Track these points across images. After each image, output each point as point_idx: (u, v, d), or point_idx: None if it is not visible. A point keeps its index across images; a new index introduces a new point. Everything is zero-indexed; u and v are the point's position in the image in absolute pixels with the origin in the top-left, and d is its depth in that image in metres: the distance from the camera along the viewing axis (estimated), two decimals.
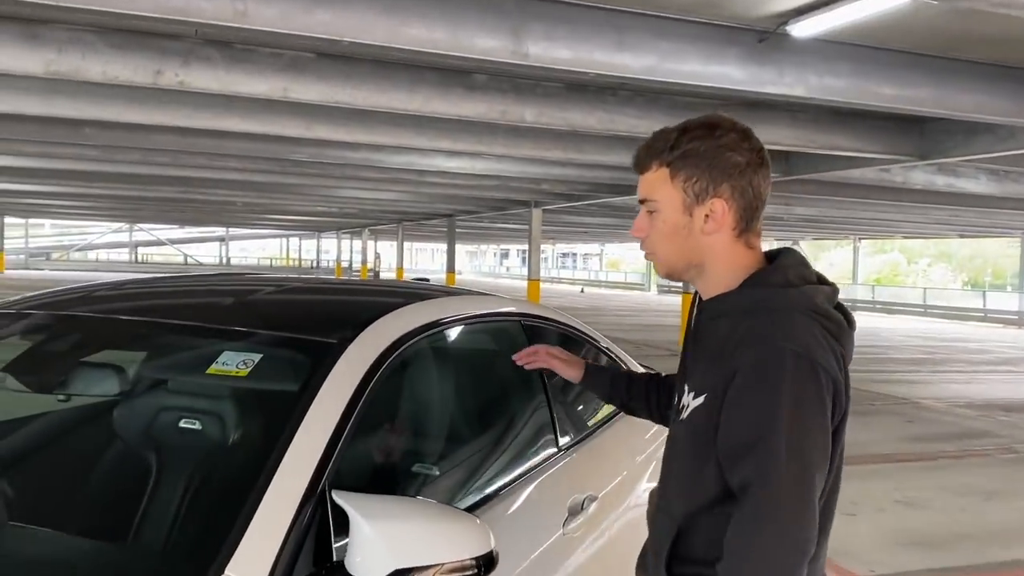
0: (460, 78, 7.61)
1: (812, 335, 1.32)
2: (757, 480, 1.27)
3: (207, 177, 15.74)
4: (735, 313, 1.38)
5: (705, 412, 1.36)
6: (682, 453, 1.45)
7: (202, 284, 2.45)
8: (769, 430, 1.26)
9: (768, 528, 1.26)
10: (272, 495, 1.33)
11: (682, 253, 1.43)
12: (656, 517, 1.55)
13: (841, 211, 19.48)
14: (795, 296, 1.38)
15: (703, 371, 1.41)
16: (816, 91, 6.39)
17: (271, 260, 59.89)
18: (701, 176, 1.38)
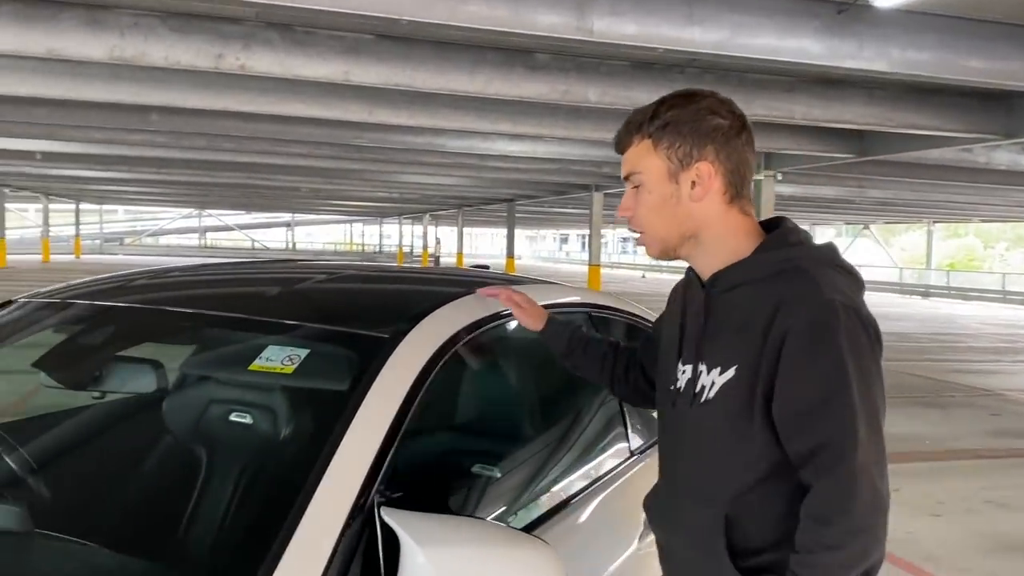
0: (522, 57, 7.44)
1: (847, 286, 1.31)
2: (838, 438, 1.22)
3: (272, 163, 15.92)
4: (758, 279, 1.33)
5: (739, 385, 1.30)
6: (714, 434, 1.36)
7: (249, 272, 2.33)
8: (840, 386, 1.23)
9: (863, 487, 1.21)
10: (314, 512, 1.19)
11: (673, 224, 1.38)
12: (681, 515, 1.42)
13: (916, 193, 18.74)
14: (821, 252, 1.37)
15: (724, 344, 1.34)
16: (898, 65, 6.04)
17: (335, 245, 60.67)
18: (683, 141, 1.35)
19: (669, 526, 1.48)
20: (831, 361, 1.24)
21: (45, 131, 12.31)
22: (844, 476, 1.22)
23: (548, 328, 1.72)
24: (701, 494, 1.39)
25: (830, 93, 8.31)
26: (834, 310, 1.25)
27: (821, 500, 1.24)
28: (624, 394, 1.73)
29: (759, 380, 1.28)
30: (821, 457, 1.24)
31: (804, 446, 1.26)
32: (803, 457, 1.26)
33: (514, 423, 2.00)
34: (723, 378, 1.33)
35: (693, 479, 1.41)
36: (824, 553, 1.23)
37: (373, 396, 1.37)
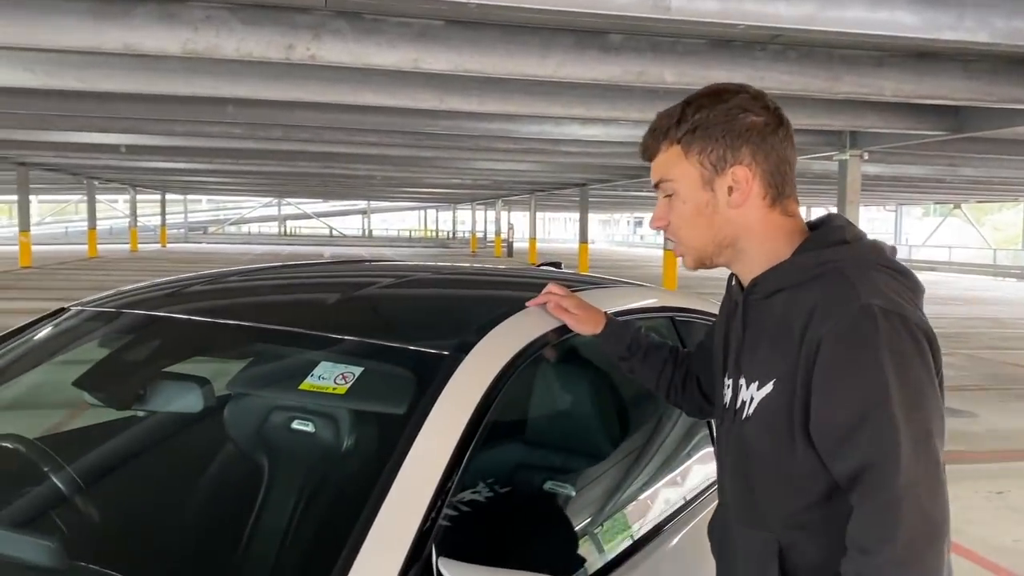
0: (594, 39, 7.21)
1: (893, 290, 1.19)
2: (878, 460, 1.11)
3: (346, 152, 16.05)
4: (795, 283, 1.23)
5: (779, 401, 1.21)
6: (757, 455, 1.27)
7: (308, 277, 2.20)
8: (879, 399, 1.11)
9: (909, 512, 1.09)
10: (362, 566, 1.04)
11: (710, 235, 1.29)
12: (734, 540, 1.31)
13: (1013, 171, 17.75)
14: (863, 251, 1.25)
15: (763, 357, 1.25)
16: (1002, 36, 5.59)
17: (410, 232, 61.25)
18: (716, 145, 1.26)
19: (723, 553, 1.37)
20: (867, 372, 1.12)
21: (128, 125, 12.64)
22: (886, 500, 1.10)
23: (606, 331, 1.58)
24: (751, 518, 1.27)
25: (923, 67, 7.83)
26: (871, 316, 1.13)
27: (863, 528, 1.12)
28: (681, 405, 1.59)
29: (796, 395, 1.18)
30: (864, 480, 1.13)
31: (845, 468, 1.15)
32: (847, 479, 1.16)
33: (592, 440, 1.82)
34: (761, 393, 1.23)
35: (741, 502, 1.30)
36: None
37: (431, 425, 1.23)
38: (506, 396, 1.34)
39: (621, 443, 1.84)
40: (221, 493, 1.52)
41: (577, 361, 1.76)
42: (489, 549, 1.37)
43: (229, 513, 1.46)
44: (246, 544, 1.36)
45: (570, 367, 1.74)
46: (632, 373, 1.60)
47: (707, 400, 1.52)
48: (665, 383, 1.56)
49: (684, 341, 1.88)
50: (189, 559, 1.35)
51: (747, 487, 1.29)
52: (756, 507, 1.27)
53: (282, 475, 1.47)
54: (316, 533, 1.22)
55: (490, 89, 8.85)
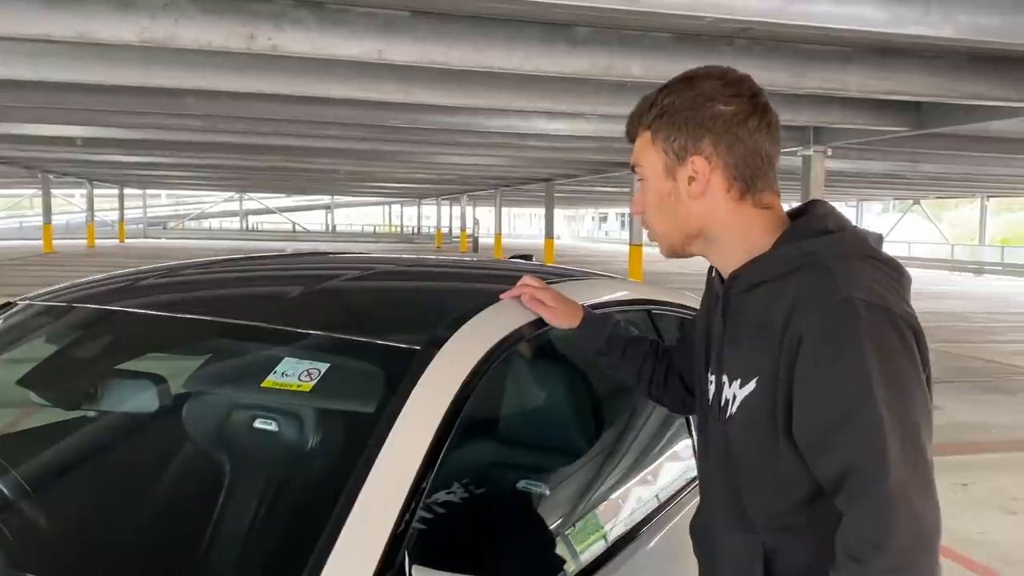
0: (561, 32, 7.16)
1: (877, 281, 1.14)
2: (864, 461, 1.05)
3: (309, 146, 15.85)
4: (776, 276, 1.18)
5: (761, 400, 1.16)
6: (743, 456, 1.20)
7: (270, 269, 2.10)
8: (862, 398, 1.06)
9: (900, 516, 1.03)
10: (333, 573, 0.97)
11: (675, 224, 1.26)
12: (718, 541, 1.26)
13: (972, 167, 18.07)
14: (846, 241, 1.19)
15: (745, 353, 1.20)
16: (966, 31, 5.64)
17: (374, 227, 60.81)
18: (679, 133, 1.22)
19: (706, 555, 1.32)
20: (850, 368, 1.07)
21: (85, 117, 12.32)
22: (875, 504, 1.05)
23: (584, 324, 1.52)
24: (736, 520, 1.22)
25: (887, 63, 7.89)
26: (853, 309, 1.09)
27: (853, 534, 1.07)
28: (663, 400, 1.54)
29: (778, 394, 1.14)
30: (849, 483, 1.08)
31: (829, 470, 1.10)
32: (831, 483, 1.11)
33: (568, 439, 1.76)
34: (744, 391, 1.19)
35: (725, 503, 1.25)
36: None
37: (403, 423, 1.15)
38: (479, 392, 1.28)
39: (597, 440, 1.78)
40: (178, 498, 1.43)
41: (550, 356, 1.69)
42: (461, 553, 1.30)
43: (187, 519, 1.37)
44: (205, 551, 1.27)
45: (543, 362, 1.68)
46: (611, 368, 1.54)
47: (690, 394, 1.47)
48: (646, 378, 1.51)
49: (661, 334, 1.82)
50: (145, 568, 1.27)
51: (731, 487, 1.24)
52: (740, 508, 1.22)
53: (244, 478, 1.38)
54: (281, 539, 1.14)
55: (456, 82, 8.76)
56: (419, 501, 1.08)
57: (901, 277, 1.19)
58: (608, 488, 1.67)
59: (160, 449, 1.53)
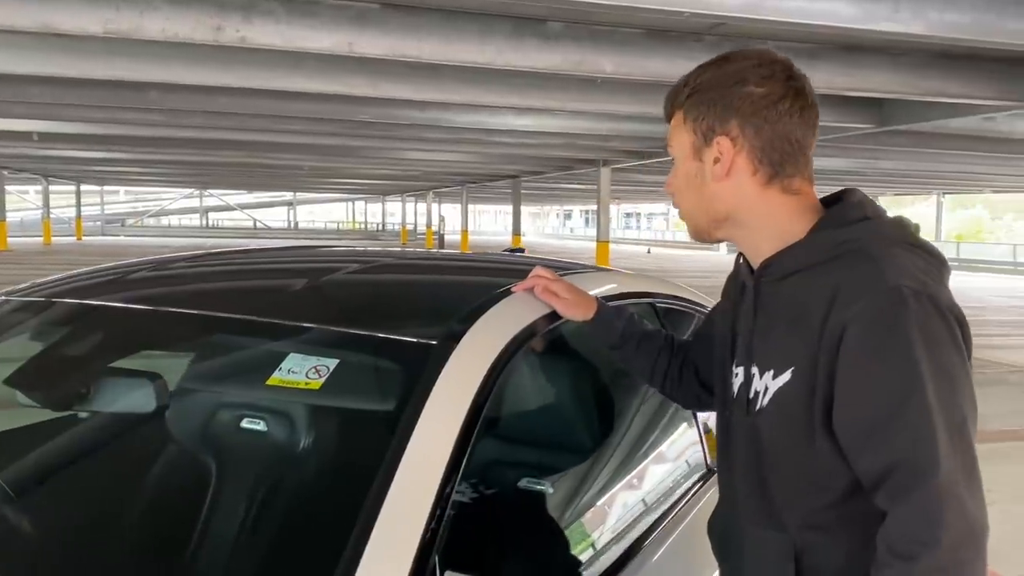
0: (533, 26, 7.12)
1: (921, 270, 1.10)
2: (914, 455, 1.02)
3: (273, 141, 15.62)
4: (813, 264, 1.14)
5: (796, 391, 1.11)
6: (773, 449, 1.16)
7: (266, 262, 2.02)
8: (912, 389, 1.03)
9: (950, 512, 1.00)
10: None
11: (700, 206, 1.23)
12: (744, 541, 1.21)
13: (930, 164, 18.41)
14: (886, 227, 1.17)
15: (779, 343, 1.16)
16: (936, 28, 5.72)
17: (338, 224, 60.26)
18: (708, 113, 1.19)
19: (730, 554, 1.26)
20: (899, 359, 1.04)
21: (42, 111, 12.01)
22: (925, 500, 1.01)
23: (597, 317, 1.47)
24: (765, 518, 1.18)
25: (853, 60, 7.98)
26: (901, 298, 1.05)
27: (900, 531, 1.02)
28: (676, 396, 1.50)
29: (818, 385, 1.09)
30: (896, 477, 1.03)
31: (874, 465, 1.06)
32: (874, 478, 1.06)
33: (577, 437, 1.72)
34: (777, 382, 1.14)
35: (753, 500, 1.20)
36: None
37: (426, 423, 1.10)
38: (499, 388, 1.24)
39: (609, 437, 1.74)
40: (181, 504, 1.36)
41: (564, 350, 1.65)
42: (485, 556, 1.26)
43: (192, 523, 1.30)
44: (227, 562, 1.21)
45: (557, 357, 1.64)
46: (624, 362, 1.50)
47: (705, 390, 1.43)
48: (660, 373, 1.47)
49: (667, 328, 1.80)
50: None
51: (760, 484, 1.19)
52: (770, 506, 1.18)
53: (259, 484, 1.32)
54: (306, 546, 1.09)
55: (425, 76, 8.68)
56: (447, 504, 1.03)
57: (943, 266, 1.15)
58: (623, 487, 1.64)
59: (160, 452, 1.45)
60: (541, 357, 1.55)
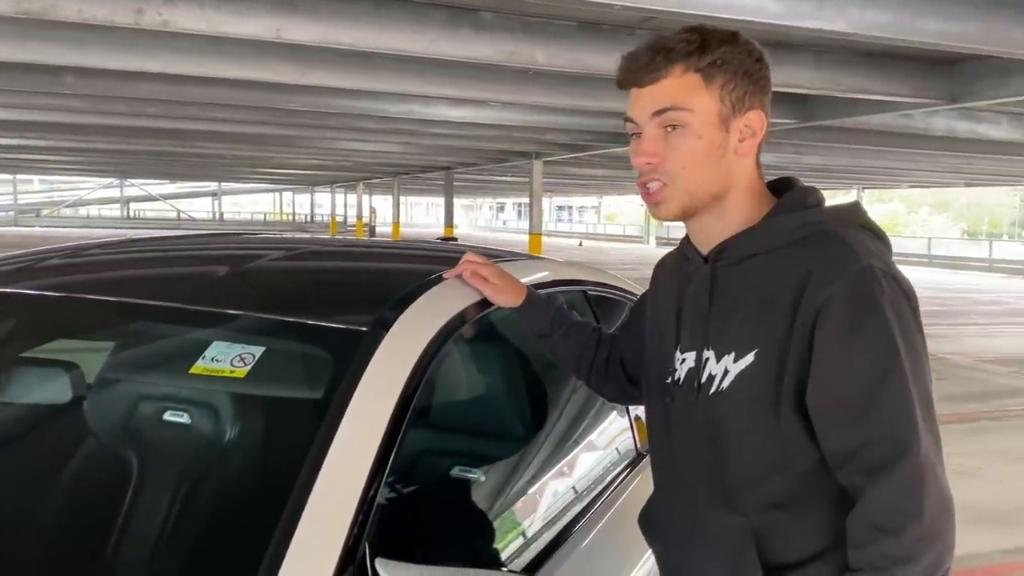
0: (467, 16, 7.08)
1: (880, 251, 1.14)
2: (895, 432, 1.04)
3: (197, 129, 15.19)
4: (774, 247, 1.15)
5: (763, 372, 1.11)
6: (733, 431, 1.15)
7: (187, 249, 1.95)
8: (891, 367, 1.05)
9: (930, 485, 1.04)
10: (291, 570, 0.89)
11: (712, 178, 1.17)
12: (697, 528, 1.20)
13: (851, 160, 18.99)
14: (846, 212, 1.19)
15: (740, 327, 1.15)
16: (858, 25, 5.87)
17: (264, 215, 59.06)
18: (739, 84, 1.15)
19: (680, 542, 1.24)
20: (879, 337, 1.06)
21: None
22: (909, 473, 1.04)
23: (527, 303, 1.45)
24: (720, 500, 1.17)
25: (780, 56, 8.14)
26: (875, 278, 1.07)
27: (884, 505, 1.04)
28: (602, 389, 1.48)
29: (788, 365, 1.10)
30: (875, 452, 1.05)
31: (850, 441, 1.07)
32: (846, 455, 1.07)
33: (508, 425, 1.71)
34: (739, 365, 1.13)
35: (708, 483, 1.19)
36: (896, 568, 1.03)
37: (355, 410, 1.08)
38: (429, 375, 1.22)
39: (539, 425, 1.74)
40: (100, 501, 1.30)
41: (492, 337, 1.64)
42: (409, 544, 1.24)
43: (112, 524, 1.25)
44: (150, 560, 1.16)
45: (488, 344, 1.62)
46: (552, 352, 1.48)
47: (632, 384, 1.43)
48: (587, 364, 1.45)
49: (598, 316, 1.80)
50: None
51: (713, 468, 1.18)
52: (725, 489, 1.17)
53: (183, 478, 1.27)
54: (233, 542, 1.05)
55: (357, 64, 8.55)
56: (377, 491, 1.01)
57: (890, 248, 1.19)
58: (554, 474, 1.64)
59: (76, 444, 1.39)
60: (474, 344, 1.54)
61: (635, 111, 1.18)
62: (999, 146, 14.59)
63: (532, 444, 1.69)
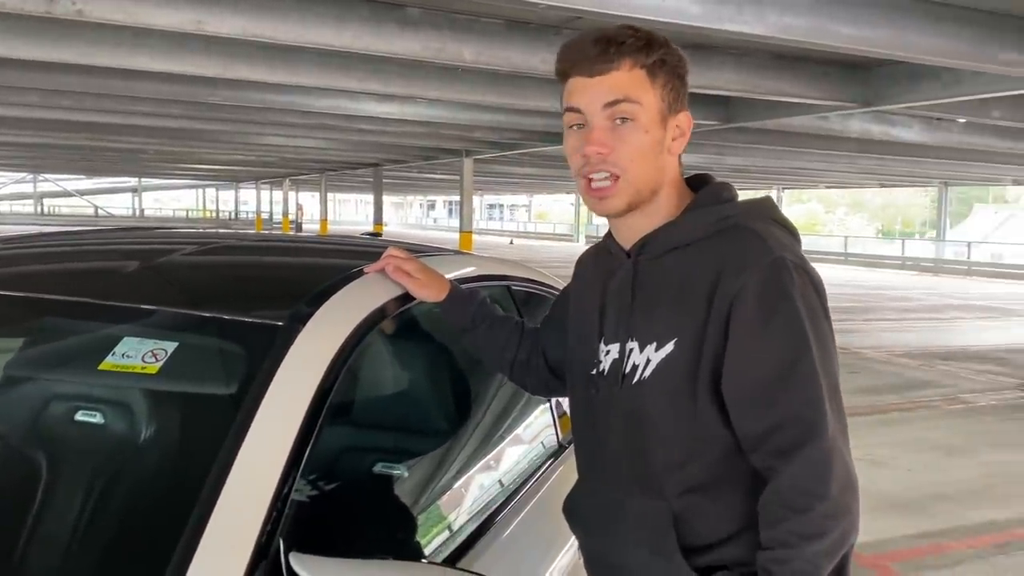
0: (392, 11, 7.03)
1: (791, 243, 1.20)
2: (805, 415, 1.09)
3: (116, 123, 14.71)
4: (692, 240, 1.20)
5: (682, 360, 1.16)
6: (654, 418, 1.19)
7: (97, 244, 1.89)
8: (801, 353, 1.11)
9: (837, 464, 1.09)
10: (202, 562, 0.88)
11: (653, 175, 1.21)
12: (619, 513, 1.24)
13: (771, 160, 19.51)
14: (758, 206, 1.25)
15: (662, 317, 1.19)
16: (775, 29, 6.05)
17: (187, 212, 57.55)
18: (675, 83, 1.21)
19: (603, 528, 1.28)
20: (790, 325, 1.11)
21: None
22: (817, 455, 1.09)
23: (450, 298, 1.47)
24: (643, 486, 1.21)
25: (702, 58, 8.32)
26: (786, 268, 1.13)
27: (794, 484, 1.10)
28: (525, 382, 1.51)
29: (704, 353, 1.14)
30: (786, 435, 1.10)
31: (762, 424, 1.12)
32: (759, 437, 1.12)
33: (435, 420, 1.71)
34: (660, 354, 1.18)
35: (632, 470, 1.22)
36: (805, 544, 1.08)
37: (269, 405, 1.07)
38: (348, 370, 1.21)
39: (462, 419, 1.74)
40: (7, 505, 1.25)
41: (415, 332, 1.64)
42: (328, 539, 1.23)
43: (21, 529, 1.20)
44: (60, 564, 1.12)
45: (406, 339, 1.62)
46: (474, 347, 1.49)
47: (555, 376, 1.45)
48: (509, 358, 1.47)
49: (521, 312, 1.81)
50: None
51: (637, 454, 1.22)
52: (647, 475, 1.21)
53: (87, 472, 1.23)
54: (145, 543, 1.03)
55: (281, 58, 8.42)
56: (292, 486, 1.01)
57: (799, 241, 1.24)
58: (477, 468, 1.64)
59: None
60: (396, 339, 1.54)
61: (583, 101, 1.18)
62: (911, 148, 15.23)
63: (456, 438, 1.69)
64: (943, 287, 20.81)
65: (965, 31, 6.84)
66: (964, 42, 6.90)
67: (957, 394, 7.57)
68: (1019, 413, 6.94)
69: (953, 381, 8.19)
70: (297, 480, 1.02)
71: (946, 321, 13.76)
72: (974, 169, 20.47)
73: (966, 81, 8.43)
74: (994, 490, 4.80)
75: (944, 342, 11.04)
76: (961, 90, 8.60)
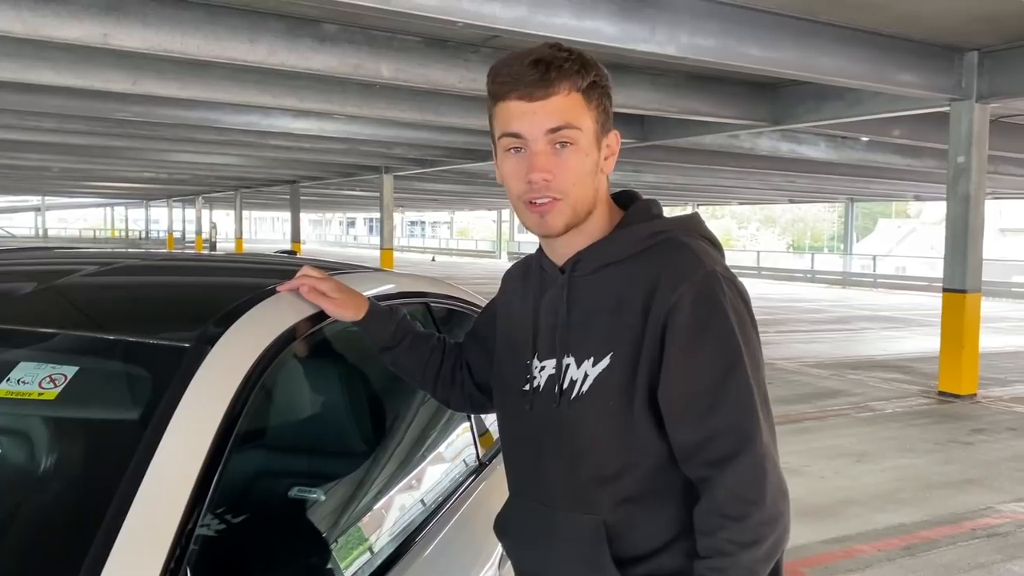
0: (307, 27, 6.97)
1: (719, 257, 1.22)
2: (739, 424, 1.11)
3: (17, 139, 14.10)
4: (626, 256, 1.21)
5: (618, 374, 1.16)
6: (592, 432, 1.19)
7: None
8: (733, 364, 1.12)
9: (770, 472, 1.11)
10: None
11: (590, 195, 1.21)
12: (554, 529, 1.24)
13: (686, 178, 19.99)
14: (687, 223, 1.26)
15: (596, 332, 1.19)
16: (687, 50, 6.23)
17: (94, 231, 55.51)
18: (606, 104, 1.21)
19: (537, 546, 1.27)
20: (723, 337, 1.13)
21: None
22: (752, 463, 1.11)
23: (368, 317, 1.43)
24: (577, 500, 1.21)
25: (619, 78, 8.49)
26: (719, 281, 1.15)
27: (730, 493, 1.11)
28: (449, 399, 1.49)
29: (640, 365, 1.15)
30: (721, 444, 1.11)
31: (699, 434, 1.13)
32: (694, 447, 1.13)
33: (347, 442, 1.67)
34: (597, 368, 1.18)
35: (566, 485, 1.22)
36: (742, 552, 1.09)
37: (175, 430, 1.02)
38: (258, 393, 1.17)
39: (379, 440, 1.71)
40: None
41: (330, 352, 1.60)
42: (237, 569, 1.19)
43: None
44: None
45: (322, 360, 1.58)
46: (395, 365, 1.46)
47: (480, 391, 1.44)
48: (432, 375, 1.45)
49: (440, 330, 1.80)
50: None
51: (570, 469, 1.21)
52: (581, 489, 1.21)
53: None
54: (42, 569, 0.96)
55: (192, 73, 8.23)
56: (199, 516, 0.96)
57: (723, 254, 1.27)
58: (396, 489, 1.61)
59: None
60: (310, 359, 1.50)
61: (523, 126, 1.16)
62: (818, 165, 15.83)
63: (374, 459, 1.66)
64: (851, 299, 21.62)
65: (868, 53, 7.18)
66: (866, 64, 7.23)
67: (866, 402, 7.84)
68: (922, 419, 7.24)
69: (862, 389, 8.49)
70: (206, 509, 0.98)
71: (854, 332, 14.28)
72: (877, 185, 21.40)
73: (867, 101, 8.82)
74: (900, 494, 4.98)
75: (853, 352, 11.45)
76: (863, 109, 9.00)
